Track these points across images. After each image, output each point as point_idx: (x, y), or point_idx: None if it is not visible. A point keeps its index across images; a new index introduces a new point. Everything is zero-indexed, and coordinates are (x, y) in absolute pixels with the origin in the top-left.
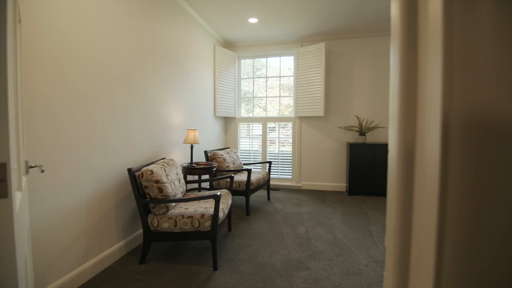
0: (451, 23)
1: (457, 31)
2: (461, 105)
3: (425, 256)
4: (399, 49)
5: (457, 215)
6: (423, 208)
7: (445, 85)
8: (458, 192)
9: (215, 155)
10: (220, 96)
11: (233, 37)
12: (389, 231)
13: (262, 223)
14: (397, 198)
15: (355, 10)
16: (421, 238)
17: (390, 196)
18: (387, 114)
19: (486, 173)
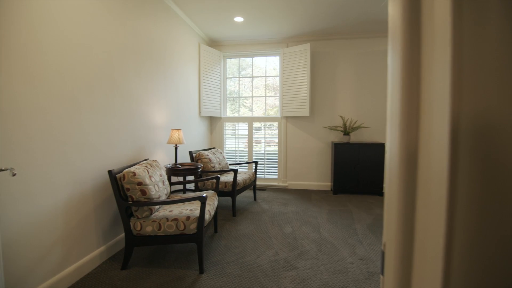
0: (460, 22)
1: (467, 31)
2: (471, 108)
3: (431, 260)
4: (400, 49)
5: (466, 219)
6: (428, 211)
7: (454, 88)
8: (467, 195)
9: (200, 155)
10: (205, 96)
11: (219, 35)
12: (389, 235)
13: (248, 223)
14: (398, 201)
15: (340, 12)
16: (425, 242)
17: (390, 199)
18: (370, 114)
19: (496, 176)
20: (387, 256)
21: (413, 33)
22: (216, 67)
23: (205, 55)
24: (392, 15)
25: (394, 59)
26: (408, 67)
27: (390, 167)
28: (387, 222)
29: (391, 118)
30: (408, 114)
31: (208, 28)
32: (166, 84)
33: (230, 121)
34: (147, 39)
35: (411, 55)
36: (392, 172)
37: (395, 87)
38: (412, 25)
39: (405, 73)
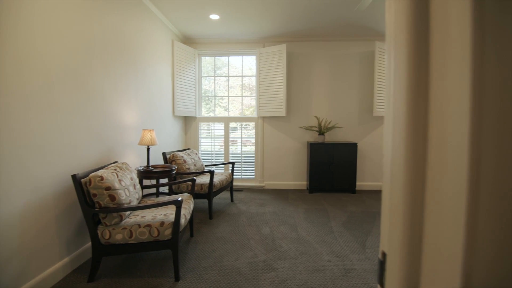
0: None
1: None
2: (494, 109)
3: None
4: (406, 50)
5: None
6: (441, 219)
7: (475, 88)
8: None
9: (174, 157)
10: (179, 95)
11: (194, 33)
12: (392, 245)
13: (226, 226)
14: (404, 209)
15: (316, 14)
16: (438, 250)
17: (393, 207)
18: (343, 115)
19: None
20: (390, 266)
21: (420, 32)
22: (191, 65)
23: (179, 52)
24: (393, 13)
25: (397, 60)
26: (415, 68)
27: (392, 171)
28: (388, 231)
29: (391, 119)
30: (416, 117)
31: (182, 25)
32: (138, 82)
33: (206, 121)
34: (117, 34)
35: (418, 56)
36: (395, 176)
37: (399, 90)
38: (419, 23)
39: (411, 74)
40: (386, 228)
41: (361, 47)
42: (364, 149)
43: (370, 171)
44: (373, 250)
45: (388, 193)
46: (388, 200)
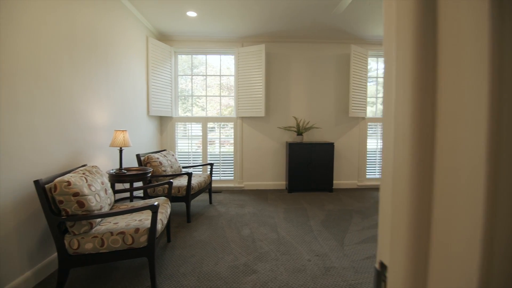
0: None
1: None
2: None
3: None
4: (411, 50)
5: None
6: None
7: (493, 91)
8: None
9: (149, 158)
10: (154, 94)
11: (170, 30)
12: (394, 254)
13: (204, 229)
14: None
15: (295, 16)
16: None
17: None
18: (321, 116)
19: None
20: (392, 280)
21: (427, 32)
22: (167, 63)
23: (154, 49)
24: (394, 12)
25: (400, 62)
26: (422, 70)
27: (395, 175)
28: (390, 240)
29: (395, 124)
30: (421, 120)
31: (157, 21)
32: (109, 80)
33: (183, 121)
34: (86, 28)
35: (425, 58)
36: (399, 180)
37: (403, 93)
38: (426, 23)
39: (417, 77)
40: (386, 237)
41: (337, 49)
42: (340, 149)
43: (346, 170)
44: (351, 247)
45: (388, 198)
46: (389, 207)
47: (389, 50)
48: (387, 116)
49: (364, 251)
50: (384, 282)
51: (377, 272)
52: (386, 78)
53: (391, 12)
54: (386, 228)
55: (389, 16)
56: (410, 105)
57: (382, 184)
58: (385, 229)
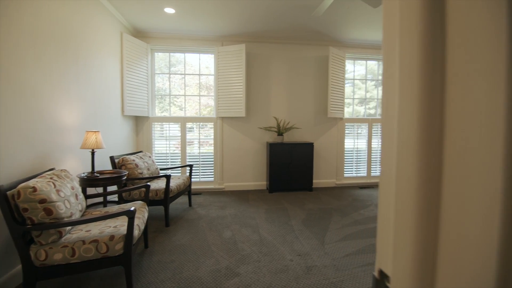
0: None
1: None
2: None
3: None
4: (418, 49)
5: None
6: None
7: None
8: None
9: (124, 161)
10: (129, 92)
11: (146, 26)
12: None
13: (184, 233)
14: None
15: (275, 17)
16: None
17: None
18: (300, 116)
19: None
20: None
21: (435, 30)
22: (143, 60)
23: (129, 46)
24: (397, 11)
25: (405, 61)
26: (429, 71)
27: (399, 177)
28: (393, 248)
29: (399, 126)
30: (430, 112)
31: (133, 17)
32: (80, 77)
33: (160, 121)
34: (54, 22)
35: (432, 57)
36: (403, 184)
37: (409, 93)
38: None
39: (424, 77)
40: (387, 244)
41: (317, 51)
42: (320, 149)
43: (325, 169)
44: (331, 245)
45: (390, 203)
46: (391, 212)
47: (391, 50)
48: (389, 118)
49: (344, 249)
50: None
51: (375, 281)
52: (387, 78)
53: (393, 11)
54: (387, 235)
55: (391, 15)
56: (417, 106)
57: (382, 187)
58: (386, 235)
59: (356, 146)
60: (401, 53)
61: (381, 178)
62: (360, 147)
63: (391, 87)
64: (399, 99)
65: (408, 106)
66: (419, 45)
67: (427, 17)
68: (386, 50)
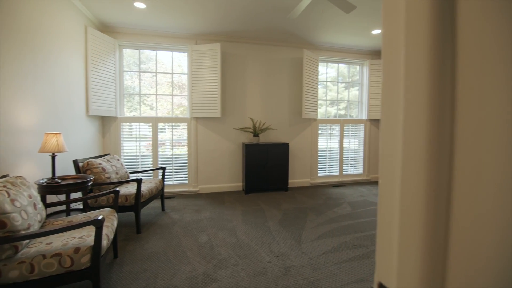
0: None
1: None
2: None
3: None
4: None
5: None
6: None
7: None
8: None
9: (89, 164)
10: (95, 91)
11: (114, 21)
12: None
13: (157, 239)
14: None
15: (251, 17)
16: None
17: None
18: (276, 117)
19: None
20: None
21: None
22: (110, 57)
23: (94, 41)
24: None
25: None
26: (439, 70)
27: (405, 180)
28: (398, 261)
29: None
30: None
31: (99, 10)
32: (37, 73)
33: (130, 122)
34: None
35: (442, 54)
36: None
37: (417, 92)
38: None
39: (434, 76)
40: (388, 253)
41: (291, 53)
42: (295, 149)
43: (300, 169)
44: (308, 244)
45: (393, 209)
46: (395, 217)
47: (393, 47)
48: (391, 117)
49: (320, 247)
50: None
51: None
52: (388, 76)
53: (397, 9)
54: (389, 243)
55: (393, 12)
56: (426, 105)
57: (382, 190)
58: (387, 244)
59: (329, 146)
60: (407, 50)
61: (382, 179)
62: (332, 147)
63: (394, 86)
64: (404, 99)
65: (416, 105)
66: (428, 43)
67: (436, 13)
68: (387, 47)
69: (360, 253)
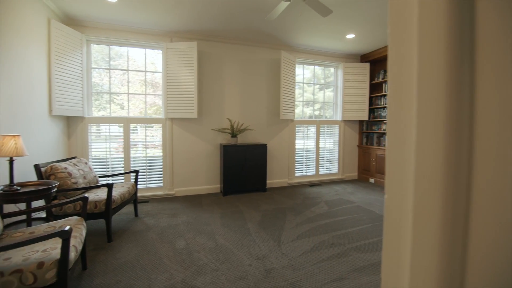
0: None
1: None
2: None
3: None
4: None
5: None
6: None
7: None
8: None
9: (53, 169)
10: (59, 89)
11: (82, 14)
12: None
13: (131, 247)
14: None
15: (229, 17)
16: None
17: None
18: (254, 118)
19: None
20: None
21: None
22: (76, 52)
23: (59, 35)
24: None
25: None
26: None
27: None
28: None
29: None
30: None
31: (64, 1)
32: None
33: (98, 122)
34: None
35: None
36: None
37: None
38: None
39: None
40: (396, 261)
41: (269, 54)
42: (272, 149)
43: (277, 170)
44: (288, 245)
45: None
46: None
47: (403, 46)
48: (401, 117)
49: (300, 248)
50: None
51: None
52: (396, 76)
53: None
54: (397, 250)
55: (404, 12)
56: (443, 106)
57: (390, 192)
58: (396, 250)
59: (306, 147)
60: (421, 50)
61: (389, 181)
62: (309, 147)
63: (403, 87)
64: (417, 99)
65: (433, 106)
66: (446, 43)
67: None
68: (396, 46)
69: (338, 252)
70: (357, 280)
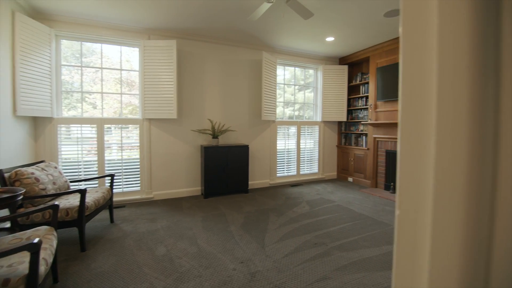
0: None
1: None
2: None
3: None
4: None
5: None
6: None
7: None
8: None
9: (19, 175)
10: (25, 87)
11: (50, 7)
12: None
13: (106, 256)
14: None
15: (209, 16)
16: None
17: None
18: (235, 118)
19: None
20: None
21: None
22: (45, 48)
23: (25, 29)
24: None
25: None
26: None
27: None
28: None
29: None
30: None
31: None
32: None
33: (69, 123)
34: None
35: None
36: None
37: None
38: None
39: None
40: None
41: (251, 55)
42: (254, 150)
43: (259, 170)
44: (271, 247)
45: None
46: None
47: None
48: (416, 118)
49: (283, 249)
50: None
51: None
52: (410, 77)
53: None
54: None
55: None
56: (467, 103)
57: (404, 215)
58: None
59: (287, 147)
60: (442, 51)
61: (401, 196)
62: (290, 147)
63: (419, 87)
64: (437, 100)
65: (455, 107)
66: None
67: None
68: (410, 45)
69: (321, 251)
70: (340, 278)
